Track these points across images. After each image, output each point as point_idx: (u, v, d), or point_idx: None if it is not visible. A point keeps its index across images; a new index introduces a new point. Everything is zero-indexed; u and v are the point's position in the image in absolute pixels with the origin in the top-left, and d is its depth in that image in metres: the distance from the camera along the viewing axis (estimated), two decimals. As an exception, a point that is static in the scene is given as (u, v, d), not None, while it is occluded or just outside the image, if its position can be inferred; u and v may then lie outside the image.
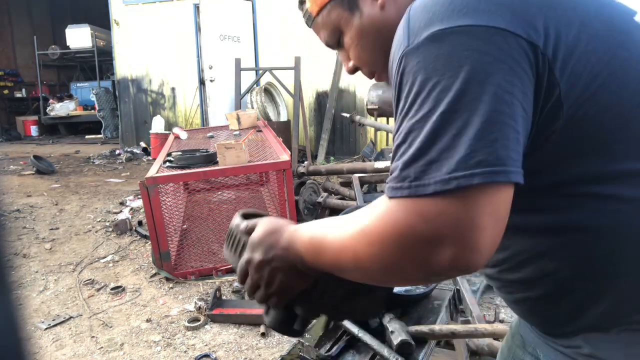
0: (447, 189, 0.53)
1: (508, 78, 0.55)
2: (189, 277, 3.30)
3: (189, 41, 8.29)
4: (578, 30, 0.60)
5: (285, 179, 3.37)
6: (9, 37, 13.97)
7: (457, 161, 0.53)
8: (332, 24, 0.81)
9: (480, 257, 0.54)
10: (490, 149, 0.53)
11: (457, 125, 0.54)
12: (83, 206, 5.32)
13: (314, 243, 0.66)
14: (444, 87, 0.56)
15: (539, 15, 0.58)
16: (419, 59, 0.58)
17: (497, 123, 0.54)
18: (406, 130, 0.58)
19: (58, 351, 2.54)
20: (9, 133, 12.47)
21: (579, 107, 0.59)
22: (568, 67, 0.58)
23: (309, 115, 7.35)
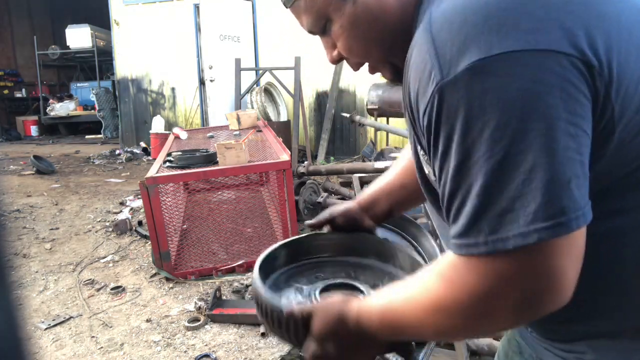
0: (529, 243, 0.48)
1: (569, 107, 0.49)
2: (189, 277, 3.30)
3: (189, 41, 8.29)
4: (627, 43, 0.53)
5: (285, 179, 3.37)
6: (9, 37, 13.96)
7: (534, 210, 0.48)
8: (319, 9, 0.71)
9: (566, 295, 0.53)
10: (568, 192, 0.48)
11: (524, 169, 0.48)
12: (83, 206, 5.32)
13: (386, 322, 0.64)
14: (498, 125, 0.49)
15: (589, 27, 0.51)
16: (461, 95, 0.51)
17: (567, 161, 0.49)
18: (459, 174, 0.52)
19: (58, 351, 2.54)
20: (9, 133, 12.47)
21: (630, 130, 0.54)
22: (622, 87, 0.52)
23: (309, 115, 7.35)
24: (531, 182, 0.48)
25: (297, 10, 0.75)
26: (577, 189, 0.49)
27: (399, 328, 0.63)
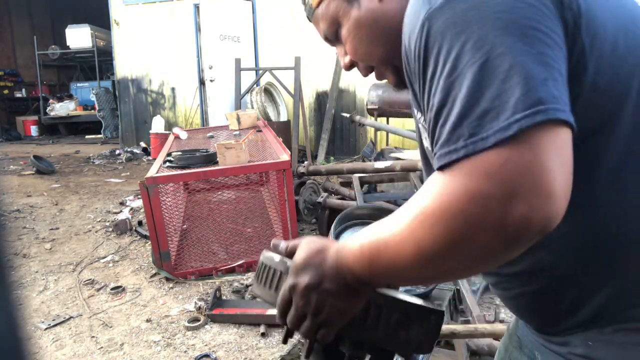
0: (509, 135, 0.48)
1: (544, 21, 0.53)
2: (189, 277, 3.30)
3: (189, 41, 8.29)
4: None
5: (285, 179, 3.37)
6: (9, 37, 13.97)
7: (513, 104, 0.49)
8: (331, 15, 0.79)
9: (556, 203, 0.49)
10: (545, 87, 0.50)
11: (503, 68, 0.50)
12: (83, 206, 5.32)
13: (365, 250, 0.59)
14: (480, 36, 0.52)
15: None
16: (446, 16, 0.54)
17: (544, 64, 0.51)
18: (445, 89, 0.54)
19: (58, 351, 2.54)
20: (9, 133, 12.48)
21: (603, 75, 0.58)
22: (591, 24, 0.57)
23: (309, 115, 7.35)
24: (510, 79, 0.50)
25: (317, 19, 0.83)
26: (555, 88, 0.51)
27: (376, 253, 0.57)
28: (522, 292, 0.71)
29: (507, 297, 0.75)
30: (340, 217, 1.67)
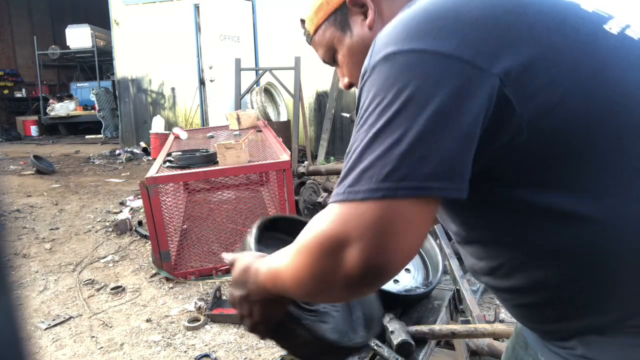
0: (375, 197, 0.57)
1: (448, 101, 0.58)
2: (189, 277, 3.30)
3: (189, 41, 8.29)
4: (536, 46, 0.61)
5: (285, 179, 3.37)
6: (9, 37, 13.97)
7: (386, 173, 0.57)
8: (327, 42, 0.87)
9: (391, 260, 0.57)
10: (415, 165, 0.57)
11: (392, 139, 0.58)
12: (83, 206, 5.32)
13: (270, 274, 0.72)
14: (387, 104, 0.60)
15: (491, 38, 0.61)
16: (373, 77, 0.63)
17: (426, 142, 0.57)
18: (352, 140, 0.63)
19: (58, 351, 2.54)
20: (9, 133, 12.47)
21: (540, 119, 0.60)
22: (524, 81, 0.60)
23: (309, 115, 7.36)
24: (392, 151, 0.58)
25: (315, 44, 0.91)
26: (432, 165, 0.57)
27: (276, 275, 0.70)
28: (520, 303, 0.74)
29: (507, 306, 0.78)
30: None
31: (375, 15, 0.82)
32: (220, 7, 7.26)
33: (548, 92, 0.60)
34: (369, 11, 0.82)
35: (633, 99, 0.62)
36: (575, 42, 0.63)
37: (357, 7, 0.83)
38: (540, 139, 0.61)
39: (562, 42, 0.63)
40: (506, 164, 0.63)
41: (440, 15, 0.63)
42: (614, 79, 0.63)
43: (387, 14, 0.81)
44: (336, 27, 0.86)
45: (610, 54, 0.64)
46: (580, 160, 0.62)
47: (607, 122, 0.61)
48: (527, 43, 0.61)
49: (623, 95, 0.62)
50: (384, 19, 0.81)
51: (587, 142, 0.61)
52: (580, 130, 0.61)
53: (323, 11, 0.86)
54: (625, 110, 0.62)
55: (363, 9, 0.83)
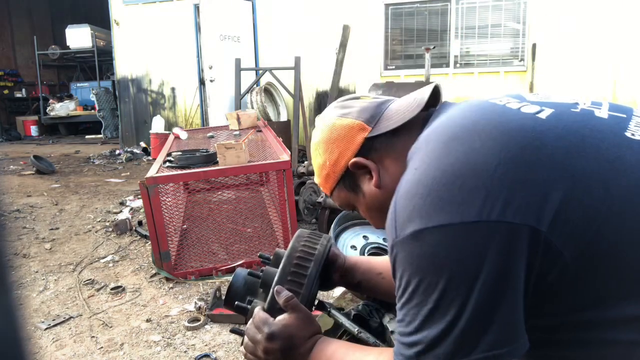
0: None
1: (487, 269, 0.59)
2: (189, 277, 3.30)
3: (189, 41, 8.29)
4: (562, 180, 0.60)
5: (285, 179, 3.37)
6: (9, 37, 13.96)
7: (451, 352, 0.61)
8: (344, 201, 0.93)
9: None
10: (479, 338, 0.60)
11: (447, 319, 0.61)
12: (83, 206, 5.32)
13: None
14: (429, 284, 0.62)
15: (515, 185, 0.60)
16: (405, 254, 0.65)
17: (481, 316, 0.60)
18: (404, 312, 0.66)
19: (58, 351, 2.54)
20: (9, 133, 12.47)
21: (586, 251, 0.60)
22: (559, 222, 0.59)
23: (309, 115, 7.35)
24: (451, 331, 0.60)
25: (334, 200, 0.96)
26: (490, 334, 0.59)
27: None
28: None
29: None
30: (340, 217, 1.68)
31: (378, 174, 0.84)
32: (220, 7, 7.26)
33: (587, 226, 0.59)
34: (372, 172, 0.84)
35: None
36: (599, 161, 0.61)
37: (360, 170, 0.86)
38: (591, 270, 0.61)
39: (586, 166, 0.61)
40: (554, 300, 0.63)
41: (457, 173, 0.62)
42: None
43: (393, 168, 0.83)
44: (347, 189, 0.90)
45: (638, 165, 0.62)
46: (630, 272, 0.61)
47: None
48: (554, 179, 0.60)
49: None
50: (391, 173, 0.83)
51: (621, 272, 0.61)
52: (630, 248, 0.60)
53: (331, 179, 0.90)
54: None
55: (366, 170, 0.85)
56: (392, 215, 0.68)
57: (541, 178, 0.60)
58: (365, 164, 0.84)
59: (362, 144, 0.84)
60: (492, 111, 0.70)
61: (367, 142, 0.84)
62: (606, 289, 0.61)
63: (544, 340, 0.66)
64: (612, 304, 0.61)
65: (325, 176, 0.90)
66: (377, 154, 0.84)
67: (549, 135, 0.63)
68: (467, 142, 0.65)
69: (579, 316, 0.63)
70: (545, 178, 0.60)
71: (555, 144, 0.62)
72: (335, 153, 0.86)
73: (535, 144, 0.62)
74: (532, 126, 0.64)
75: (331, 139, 0.87)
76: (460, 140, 0.66)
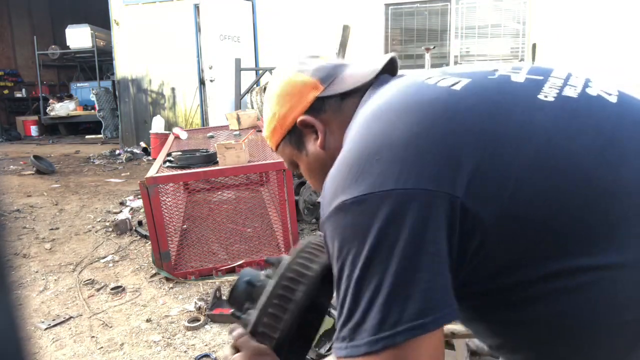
0: (376, 349, 0.59)
1: (408, 236, 0.60)
2: (189, 277, 3.30)
3: (189, 41, 8.29)
4: (473, 146, 0.62)
5: (285, 179, 3.37)
6: (9, 37, 13.96)
7: (377, 323, 0.59)
8: (287, 157, 0.93)
9: None
10: (403, 307, 0.59)
11: (371, 288, 0.60)
12: (83, 206, 5.32)
13: None
14: (355, 254, 0.62)
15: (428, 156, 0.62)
16: (332, 228, 0.65)
17: (404, 282, 0.59)
18: (338, 290, 0.65)
19: (58, 351, 2.54)
20: (9, 133, 12.46)
21: (506, 214, 0.61)
22: (474, 188, 0.61)
23: (309, 115, 7.35)
24: (375, 300, 0.60)
25: (279, 155, 0.96)
26: (418, 302, 0.59)
27: None
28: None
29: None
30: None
31: (324, 135, 0.85)
32: (220, 7, 7.26)
33: (500, 189, 0.61)
34: (318, 132, 0.85)
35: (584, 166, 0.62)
36: (509, 126, 0.64)
37: (307, 128, 0.86)
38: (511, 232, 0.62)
39: (497, 131, 0.63)
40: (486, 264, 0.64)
41: (376, 148, 0.65)
42: (561, 155, 0.62)
43: (338, 131, 0.83)
44: (292, 146, 0.90)
45: (551, 127, 0.64)
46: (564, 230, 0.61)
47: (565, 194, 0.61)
48: (465, 146, 0.62)
49: (575, 166, 0.62)
50: (335, 136, 0.84)
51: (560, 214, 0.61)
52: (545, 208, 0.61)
53: (278, 133, 0.90)
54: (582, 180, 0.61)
55: (313, 129, 0.86)
56: (322, 199, 0.69)
57: (453, 147, 0.62)
58: (313, 123, 0.85)
59: (312, 102, 0.85)
60: (410, 88, 0.73)
61: (318, 101, 0.84)
62: (531, 250, 0.62)
63: (491, 304, 0.67)
64: (541, 264, 0.62)
65: (272, 129, 0.91)
66: (325, 115, 0.85)
67: (461, 105, 0.66)
68: (384, 119, 0.68)
69: (514, 277, 0.63)
70: (457, 146, 0.62)
71: (467, 113, 0.65)
72: (285, 107, 0.87)
73: (447, 115, 0.65)
74: (445, 99, 0.67)
75: (283, 92, 0.87)
76: (379, 119, 0.69)
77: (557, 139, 0.63)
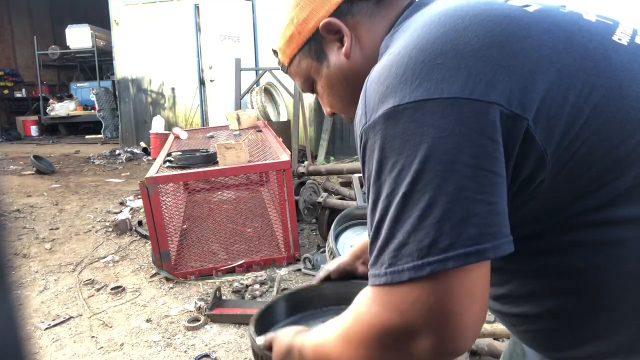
0: (421, 275, 0.52)
1: (469, 149, 0.53)
2: (189, 277, 3.30)
3: (189, 41, 8.29)
4: (547, 72, 0.57)
5: (285, 179, 3.37)
6: (9, 37, 13.97)
7: (427, 245, 0.52)
8: (303, 73, 0.82)
9: (462, 342, 0.54)
10: (459, 229, 0.52)
11: (421, 206, 0.53)
12: (83, 206, 5.32)
13: (317, 355, 0.68)
14: (403, 166, 0.55)
15: (499, 69, 0.55)
16: (376, 138, 0.57)
17: (462, 200, 0.52)
18: (373, 209, 0.58)
19: (58, 351, 2.54)
20: (9, 133, 12.47)
21: (565, 151, 0.56)
22: (543, 114, 0.55)
23: (309, 115, 7.35)
24: (426, 219, 0.53)
25: (291, 75, 0.85)
26: (473, 227, 0.52)
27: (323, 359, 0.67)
28: (528, 329, 0.71)
29: (514, 331, 0.75)
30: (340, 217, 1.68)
31: (352, 41, 0.75)
32: (220, 7, 7.26)
33: (569, 120, 0.56)
34: (344, 38, 0.75)
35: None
36: (586, 59, 0.59)
37: (331, 35, 0.75)
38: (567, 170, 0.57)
39: (572, 63, 0.58)
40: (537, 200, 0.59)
41: (437, 52, 0.57)
42: (632, 97, 0.58)
43: (366, 40, 0.75)
44: (311, 57, 0.79)
45: (624, 69, 0.60)
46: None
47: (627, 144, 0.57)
48: (539, 70, 0.56)
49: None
50: (362, 46, 0.75)
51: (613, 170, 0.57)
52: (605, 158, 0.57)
53: (295, 42, 0.79)
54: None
55: (338, 36, 0.75)
56: (362, 103, 0.61)
57: (526, 67, 0.56)
58: (339, 27, 0.74)
59: (339, 4, 0.74)
60: (477, 1, 0.64)
61: (345, 3, 0.74)
62: (579, 194, 0.58)
63: (533, 249, 0.62)
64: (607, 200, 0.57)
65: (289, 37, 0.79)
66: (353, 20, 0.74)
67: (535, 28, 0.59)
68: (449, 23, 0.59)
69: (562, 219, 0.59)
70: (530, 68, 0.56)
71: (542, 36, 0.59)
72: (307, 10, 0.75)
73: (522, 33, 0.58)
74: (519, 16, 0.60)
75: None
76: (442, 24, 0.60)
77: (628, 83, 0.59)
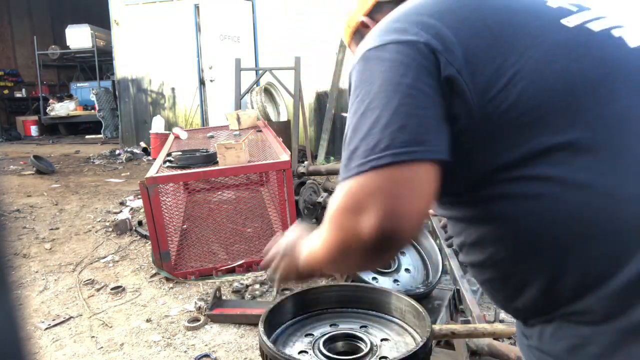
0: (364, 170, 0.66)
1: (414, 77, 0.68)
2: (189, 277, 3.30)
3: (189, 41, 8.29)
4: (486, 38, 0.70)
5: (285, 179, 3.37)
6: (9, 37, 13.97)
7: (371, 147, 0.67)
8: None
9: (403, 222, 0.64)
10: (395, 135, 0.66)
11: (371, 119, 0.68)
12: (83, 206, 5.32)
13: (307, 257, 0.85)
14: (365, 92, 0.71)
15: (444, 26, 0.71)
16: (355, 73, 0.75)
17: (401, 114, 0.67)
18: (346, 127, 0.73)
19: (58, 351, 2.54)
20: (9, 133, 12.47)
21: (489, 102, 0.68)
22: (471, 67, 0.68)
23: (309, 115, 7.35)
24: (374, 128, 0.67)
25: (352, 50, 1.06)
26: (410, 134, 0.66)
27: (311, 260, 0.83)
28: (483, 279, 0.80)
29: (478, 282, 0.84)
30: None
31: None
32: (220, 7, 7.26)
33: (494, 78, 0.68)
34: None
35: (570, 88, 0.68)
36: (523, 35, 0.71)
37: (366, 29, 0.98)
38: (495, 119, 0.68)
39: (509, 35, 0.71)
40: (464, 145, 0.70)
41: (403, 13, 0.76)
42: (557, 70, 0.69)
43: None
44: (356, 43, 1.01)
45: (557, 46, 0.71)
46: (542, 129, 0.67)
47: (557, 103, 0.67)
48: (479, 35, 0.71)
49: (566, 84, 0.68)
50: None
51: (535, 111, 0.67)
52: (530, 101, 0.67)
53: (347, 34, 1.07)
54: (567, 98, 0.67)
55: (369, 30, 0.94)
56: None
57: (471, 29, 0.71)
58: (368, 24, 0.98)
59: (373, 6, 0.99)
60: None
61: (378, 5, 0.98)
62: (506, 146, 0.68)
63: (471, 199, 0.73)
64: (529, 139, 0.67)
65: (345, 27, 1.06)
66: (380, 16, 0.93)
67: (488, 4, 0.75)
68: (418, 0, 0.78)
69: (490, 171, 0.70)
70: (472, 31, 0.71)
71: (489, 11, 0.73)
72: (356, 9, 1.02)
73: (475, 5, 0.74)
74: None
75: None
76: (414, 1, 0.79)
77: (558, 58, 0.70)
